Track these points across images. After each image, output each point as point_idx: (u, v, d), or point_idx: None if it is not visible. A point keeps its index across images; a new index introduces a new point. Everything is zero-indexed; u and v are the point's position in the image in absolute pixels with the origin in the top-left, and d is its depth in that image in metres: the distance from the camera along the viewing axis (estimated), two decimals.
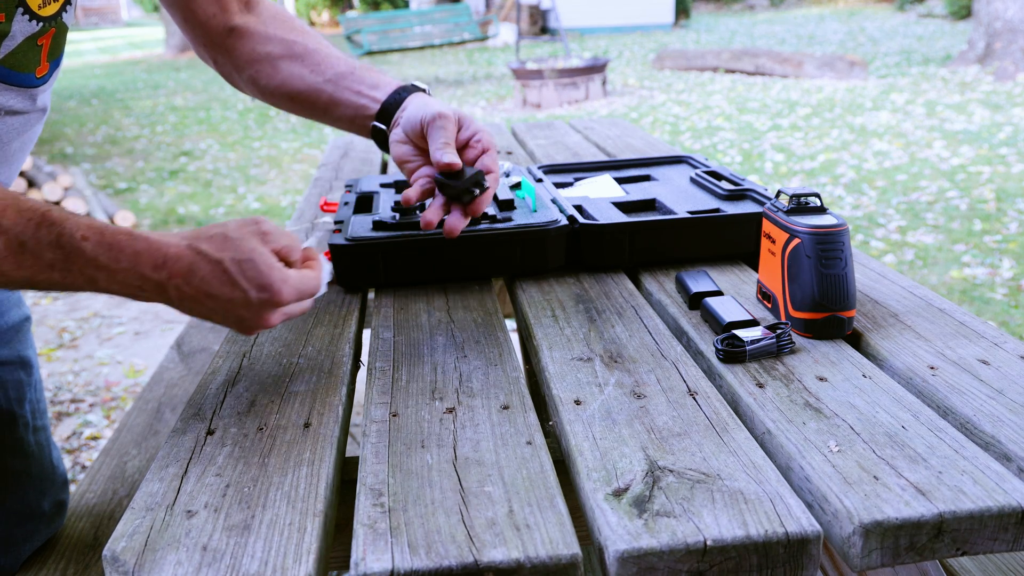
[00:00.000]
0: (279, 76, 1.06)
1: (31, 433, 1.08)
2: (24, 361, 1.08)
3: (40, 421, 1.10)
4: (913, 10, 17.81)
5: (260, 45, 1.06)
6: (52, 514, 1.12)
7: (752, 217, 1.11)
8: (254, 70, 1.07)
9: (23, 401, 1.07)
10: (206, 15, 1.06)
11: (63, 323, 3.53)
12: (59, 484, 1.14)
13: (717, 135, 6.57)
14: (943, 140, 5.89)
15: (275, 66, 1.06)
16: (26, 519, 1.08)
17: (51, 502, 1.12)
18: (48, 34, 0.86)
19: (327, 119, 1.07)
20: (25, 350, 1.09)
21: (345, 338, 0.95)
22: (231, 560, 0.58)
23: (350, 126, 1.05)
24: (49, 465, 1.12)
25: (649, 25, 17.52)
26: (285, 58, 1.06)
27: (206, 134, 8.04)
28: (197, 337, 1.91)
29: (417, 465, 0.68)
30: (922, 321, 0.92)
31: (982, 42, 9.07)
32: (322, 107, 1.05)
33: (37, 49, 0.85)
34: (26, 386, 1.08)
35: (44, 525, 1.11)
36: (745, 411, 0.76)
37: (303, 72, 1.05)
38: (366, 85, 1.03)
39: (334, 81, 1.04)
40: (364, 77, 1.04)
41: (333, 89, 1.04)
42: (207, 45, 1.09)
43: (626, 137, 1.98)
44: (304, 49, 1.05)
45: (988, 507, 0.59)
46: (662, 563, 0.57)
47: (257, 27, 1.07)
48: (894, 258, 3.68)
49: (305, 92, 1.05)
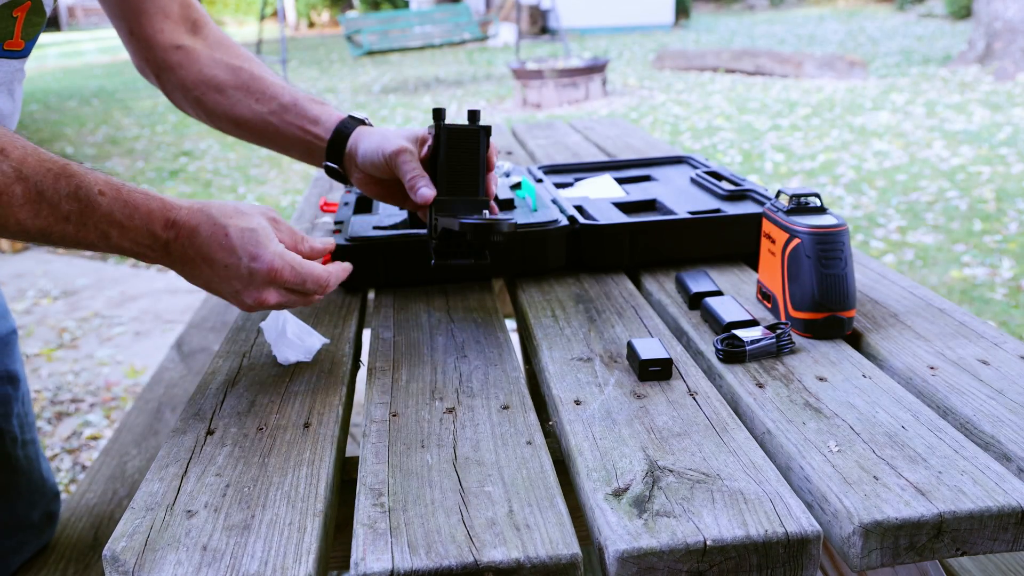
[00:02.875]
0: (226, 102, 1.07)
1: (19, 447, 1.07)
2: (11, 375, 1.07)
3: (28, 435, 1.09)
4: (913, 10, 17.81)
5: (207, 68, 1.07)
6: (42, 525, 1.12)
7: (752, 217, 1.11)
8: (200, 92, 1.08)
9: (10, 416, 1.06)
10: (153, 30, 1.06)
11: (63, 323, 3.53)
12: (49, 496, 1.13)
13: (717, 135, 6.57)
14: (943, 140, 5.89)
15: (223, 93, 1.06)
16: (15, 530, 1.08)
17: (41, 514, 1.11)
18: (24, 6, 0.85)
19: (277, 148, 1.08)
20: (12, 364, 1.08)
21: (345, 338, 0.95)
22: (231, 560, 0.58)
23: (303, 158, 1.07)
24: (39, 478, 1.11)
25: (649, 25, 17.52)
26: (231, 86, 1.06)
27: (206, 134, 8.04)
28: (197, 337, 1.91)
29: (417, 465, 0.68)
30: (922, 321, 0.92)
31: (982, 42, 9.07)
32: (270, 137, 1.07)
33: (12, 20, 0.84)
34: (13, 400, 1.07)
35: (34, 536, 1.11)
36: (745, 411, 0.76)
37: (249, 102, 1.05)
38: (308, 120, 1.03)
39: (278, 114, 1.05)
40: (306, 111, 1.04)
41: (278, 122, 1.05)
42: (149, 61, 1.09)
43: (626, 137, 1.98)
44: (250, 76, 1.06)
45: (988, 507, 0.59)
46: (662, 563, 0.57)
47: (203, 50, 1.08)
48: (894, 258, 3.68)
49: (252, 122, 1.06)
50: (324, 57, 14.70)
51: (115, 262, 4.37)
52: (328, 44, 17.68)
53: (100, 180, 0.73)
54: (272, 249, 0.78)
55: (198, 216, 0.77)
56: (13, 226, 0.71)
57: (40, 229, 0.72)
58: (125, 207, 0.74)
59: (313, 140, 1.03)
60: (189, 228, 0.76)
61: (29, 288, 3.99)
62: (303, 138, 1.04)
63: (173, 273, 4.30)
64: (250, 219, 0.79)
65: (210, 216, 0.77)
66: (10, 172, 0.69)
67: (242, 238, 0.77)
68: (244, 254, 0.77)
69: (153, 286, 3.94)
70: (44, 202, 0.71)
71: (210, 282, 0.79)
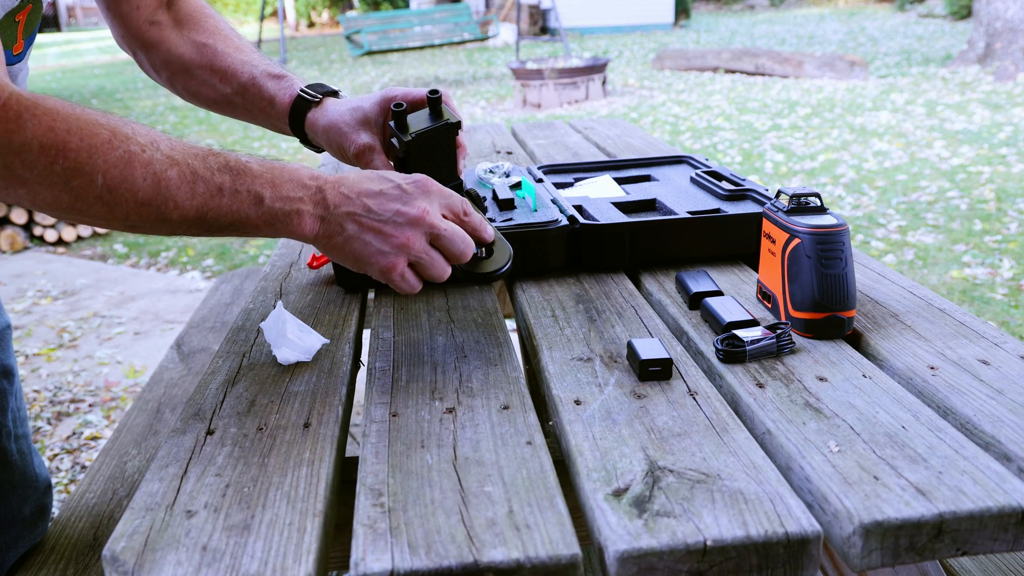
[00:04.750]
0: (193, 83, 1.10)
1: (12, 442, 1.07)
2: (6, 370, 1.07)
3: (21, 429, 1.10)
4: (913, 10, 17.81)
5: (176, 47, 1.09)
6: (34, 519, 1.11)
7: (752, 217, 1.11)
8: (170, 73, 1.11)
9: (4, 410, 1.06)
10: (128, 8, 1.09)
11: (63, 323, 3.53)
12: (41, 490, 1.13)
13: (717, 135, 6.57)
14: (943, 140, 5.89)
15: (190, 73, 1.09)
16: (8, 526, 1.07)
17: (32, 508, 1.11)
18: (25, 9, 0.86)
19: (252, 122, 1.11)
20: (6, 359, 1.08)
21: (345, 338, 0.95)
22: (231, 560, 0.58)
23: (277, 131, 1.09)
24: (32, 473, 1.11)
25: (649, 25, 17.52)
26: (197, 66, 1.08)
27: (206, 134, 8.04)
28: (197, 337, 1.91)
29: (417, 465, 0.68)
30: (922, 321, 0.92)
31: (982, 42, 9.07)
32: (239, 115, 1.10)
33: (14, 25, 0.85)
34: (7, 395, 1.07)
35: (27, 531, 1.10)
36: (745, 411, 0.76)
37: (214, 82, 1.08)
38: (265, 101, 1.06)
39: (240, 94, 1.07)
40: (261, 91, 1.06)
41: (241, 102, 1.08)
42: (126, 38, 1.12)
43: (626, 137, 1.98)
44: (212, 54, 1.08)
45: (988, 507, 0.59)
46: (662, 563, 0.57)
47: (174, 28, 1.10)
48: (894, 258, 3.68)
49: (219, 102, 1.10)
50: (324, 57, 14.70)
51: (115, 262, 4.37)
52: (328, 44, 17.68)
53: (242, 153, 0.79)
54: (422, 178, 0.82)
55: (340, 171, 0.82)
56: (172, 210, 0.74)
57: (196, 209, 0.75)
58: (272, 169, 0.79)
59: (274, 119, 1.07)
60: (336, 177, 0.80)
61: (29, 288, 3.99)
62: (265, 118, 1.08)
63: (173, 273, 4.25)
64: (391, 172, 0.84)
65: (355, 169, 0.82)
66: (164, 159, 0.73)
67: (390, 176, 0.81)
68: (399, 179, 0.81)
69: (153, 286, 3.94)
70: (199, 179, 0.75)
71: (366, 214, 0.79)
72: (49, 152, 0.69)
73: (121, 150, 0.71)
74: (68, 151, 0.69)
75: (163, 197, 0.73)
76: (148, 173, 0.72)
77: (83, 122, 0.70)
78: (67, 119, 0.69)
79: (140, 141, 0.73)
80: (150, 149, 0.73)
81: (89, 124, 0.70)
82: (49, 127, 0.68)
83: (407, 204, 0.79)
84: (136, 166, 0.72)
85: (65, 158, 0.69)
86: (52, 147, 0.69)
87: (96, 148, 0.70)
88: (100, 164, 0.70)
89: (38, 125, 0.68)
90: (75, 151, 0.69)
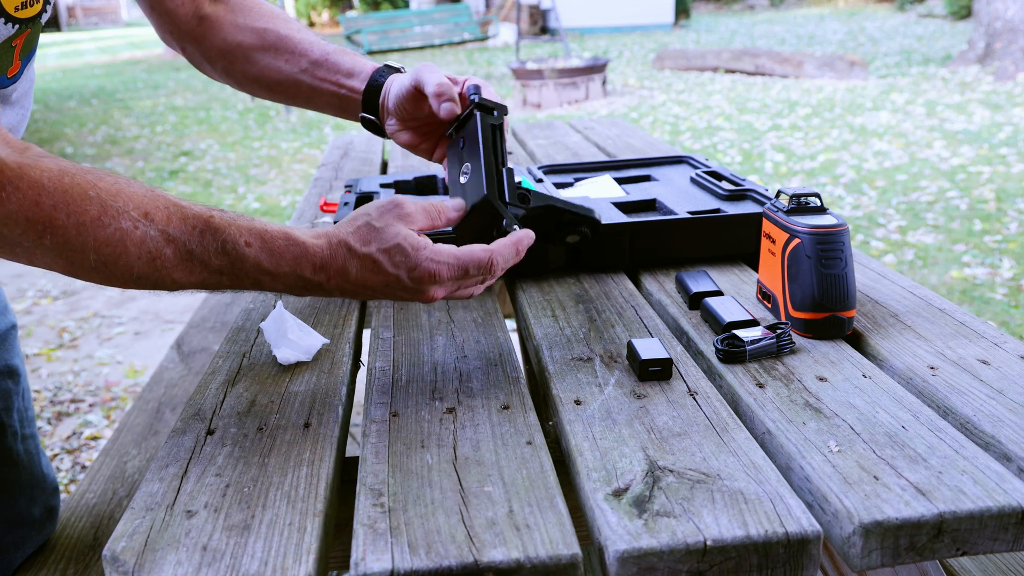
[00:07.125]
0: (254, 69, 1.06)
1: (19, 442, 1.07)
2: (11, 370, 1.07)
3: (28, 429, 1.09)
4: (913, 10, 17.81)
5: (231, 35, 1.06)
6: (43, 521, 1.11)
7: (752, 217, 1.11)
8: (227, 62, 1.07)
9: (11, 410, 1.06)
10: (174, 3, 1.06)
11: (63, 323, 3.53)
12: (49, 491, 1.13)
13: (717, 135, 6.57)
14: (943, 140, 5.89)
15: (249, 58, 1.05)
16: (16, 526, 1.07)
17: (41, 509, 1.11)
18: (23, 35, 0.84)
19: (311, 107, 1.07)
20: (12, 359, 1.08)
21: (345, 338, 0.95)
22: (231, 560, 0.58)
23: (338, 114, 1.05)
24: (39, 473, 1.11)
25: (649, 25, 17.52)
26: (258, 49, 1.05)
27: (206, 134, 8.04)
28: (197, 337, 1.91)
29: (417, 465, 0.68)
30: (922, 321, 0.92)
31: (982, 42, 9.07)
32: (303, 96, 1.06)
33: (11, 50, 0.84)
34: (14, 395, 1.07)
35: (35, 532, 1.10)
36: (745, 411, 0.76)
37: (278, 64, 1.04)
38: (342, 74, 1.02)
39: (310, 71, 1.03)
40: (339, 64, 1.02)
41: (311, 80, 1.03)
42: (174, 33, 1.09)
43: (626, 137, 1.98)
44: (276, 37, 1.05)
45: (988, 507, 0.59)
46: (662, 563, 0.57)
47: (227, 16, 1.07)
48: (894, 258, 3.68)
49: (283, 83, 1.05)
50: None
51: None
52: None
53: (244, 229, 0.73)
54: (424, 255, 0.77)
55: (341, 253, 0.76)
56: (171, 284, 0.73)
57: (197, 283, 0.74)
58: (271, 256, 0.74)
59: (348, 93, 1.02)
60: (338, 268, 0.76)
61: (29, 288, 3.99)
62: (337, 92, 1.03)
63: None
64: (389, 233, 0.77)
65: (352, 250, 0.76)
66: (158, 236, 0.70)
67: (392, 260, 0.76)
68: (402, 271, 0.76)
69: None
70: (195, 260, 0.72)
71: (375, 295, 0.79)
72: (36, 227, 0.66)
73: (112, 227, 0.68)
74: (55, 228, 0.67)
75: (160, 274, 0.71)
76: (143, 252, 0.70)
77: (70, 197, 0.67)
78: (52, 194, 0.66)
79: (132, 215, 0.69)
80: (143, 224, 0.70)
81: (76, 199, 0.67)
82: (34, 202, 0.66)
83: (415, 295, 0.78)
84: (129, 245, 0.69)
85: (53, 234, 0.67)
86: (38, 223, 0.66)
87: (85, 225, 0.68)
88: (91, 242, 0.68)
89: (22, 199, 0.65)
90: (63, 228, 0.67)
